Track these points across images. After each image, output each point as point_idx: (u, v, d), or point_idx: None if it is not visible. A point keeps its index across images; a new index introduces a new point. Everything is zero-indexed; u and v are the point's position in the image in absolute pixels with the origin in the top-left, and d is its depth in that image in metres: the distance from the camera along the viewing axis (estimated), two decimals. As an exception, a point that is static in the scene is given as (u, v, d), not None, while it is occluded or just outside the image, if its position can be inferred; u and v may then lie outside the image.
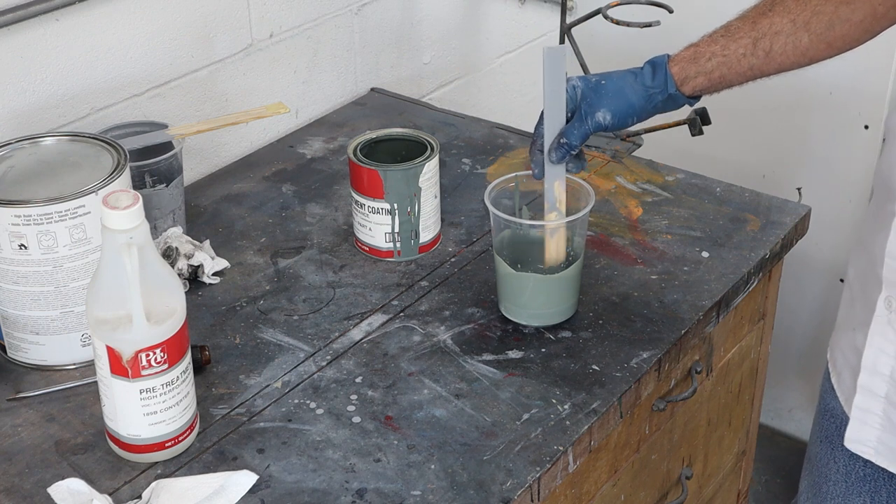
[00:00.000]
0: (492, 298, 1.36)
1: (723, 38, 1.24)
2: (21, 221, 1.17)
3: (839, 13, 1.20)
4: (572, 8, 2.01)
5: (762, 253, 1.45)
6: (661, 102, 1.25)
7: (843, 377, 1.26)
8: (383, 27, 1.90)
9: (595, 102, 1.24)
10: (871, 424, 1.21)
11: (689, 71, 1.24)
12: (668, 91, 1.24)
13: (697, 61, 1.24)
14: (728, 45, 1.23)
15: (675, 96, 1.25)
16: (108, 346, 1.07)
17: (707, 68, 1.23)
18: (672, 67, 1.24)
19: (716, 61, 1.23)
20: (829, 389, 1.30)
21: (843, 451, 1.27)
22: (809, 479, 1.36)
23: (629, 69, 1.27)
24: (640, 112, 1.25)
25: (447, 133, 1.76)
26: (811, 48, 1.22)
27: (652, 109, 1.26)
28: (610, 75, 1.26)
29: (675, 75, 1.24)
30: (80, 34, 1.46)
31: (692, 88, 1.25)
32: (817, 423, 1.34)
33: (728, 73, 1.24)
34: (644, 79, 1.25)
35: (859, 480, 1.27)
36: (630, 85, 1.25)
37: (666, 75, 1.24)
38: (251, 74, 1.70)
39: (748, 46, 1.23)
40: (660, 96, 1.25)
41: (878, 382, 1.19)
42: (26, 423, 1.19)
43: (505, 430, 1.17)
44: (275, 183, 1.63)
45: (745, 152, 2.18)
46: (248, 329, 1.33)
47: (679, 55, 1.25)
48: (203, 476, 1.11)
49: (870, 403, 1.20)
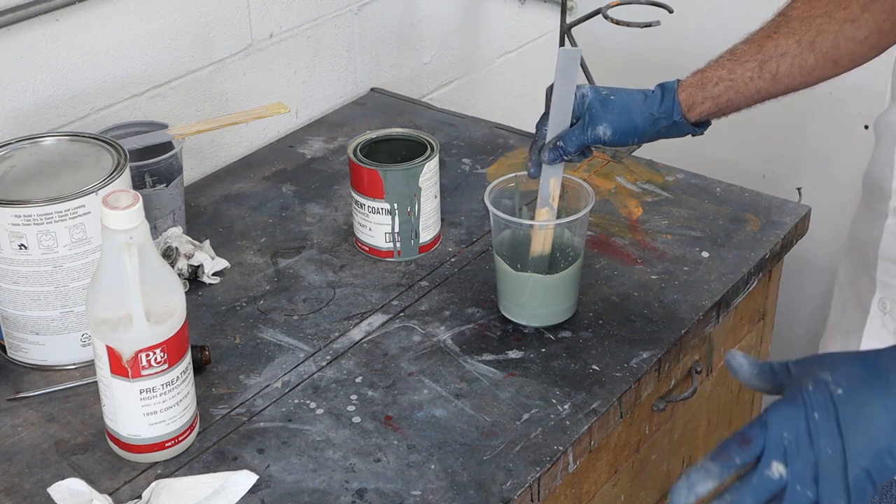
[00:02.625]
0: (492, 298, 1.36)
1: (729, 63, 1.24)
2: (21, 221, 1.17)
3: (844, 32, 1.20)
4: (572, 8, 2.01)
5: (762, 253, 1.45)
6: (665, 128, 1.24)
7: None
8: (383, 27, 1.90)
9: (599, 115, 1.23)
10: None
11: (696, 97, 1.23)
12: (674, 118, 1.24)
13: (705, 87, 1.23)
14: (735, 69, 1.23)
15: (680, 123, 1.24)
16: (108, 346, 1.07)
17: (714, 93, 1.23)
18: (680, 94, 1.23)
19: (723, 86, 1.23)
20: None
21: None
22: None
23: (640, 89, 1.26)
24: (642, 135, 1.25)
25: (447, 133, 1.76)
26: (818, 68, 1.22)
27: (654, 134, 1.25)
28: (620, 91, 1.25)
29: (683, 102, 1.23)
30: (80, 34, 1.46)
31: (699, 114, 1.24)
32: None
33: (735, 96, 1.23)
34: (653, 102, 1.24)
35: None
36: (637, 106, 1.24)
37: (674, 102, 1.23)
38: (251, 74, 1.70)
39: (755, 70, 1.22)
40: (664, 122, 1.24)
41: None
42: (26, 423, 1.19)
43: (505, 430, 1.17)
44: (275, 183, 1.63)
45: (745, 152, 2.18)
46: (248, 329, 1.33)
47: (687, 81, 1.24)
48: (203, 476, 1.11)
49: None
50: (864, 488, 0.86)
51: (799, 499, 0.87)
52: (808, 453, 0.87)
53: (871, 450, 0.86)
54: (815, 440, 0.87)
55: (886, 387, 0.87)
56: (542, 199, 1.29)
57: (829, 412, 0.87)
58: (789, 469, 0.87)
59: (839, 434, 0.86)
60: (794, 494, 0.87)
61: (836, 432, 0.87)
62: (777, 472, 0.88)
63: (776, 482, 0.87)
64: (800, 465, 0.87)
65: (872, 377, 0.87)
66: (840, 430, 0.86)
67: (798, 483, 0.87)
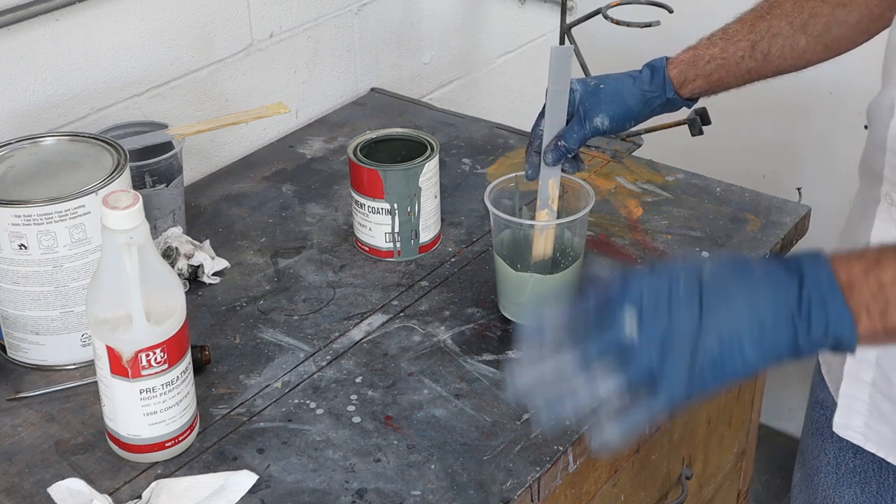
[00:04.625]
0: (492, 298, 1.36)
1: (721, 41, 1.25)
2: (21, 221, 1.17)
3: (836, 15, 1.21)
4: (572, 8, 2.01)
5: (762, 253, 1.45)
6: (659, 106, 1.26)
7: (832, 368, 1.27)
8: (383, 27, 1.90)
9: (593, 106, 1.24)
10: (859, 411, 1.20)
11: (687, 74, 1.25)
12: (667, 95, 1.25)
13: (696, 64, 1.24)
14: (727, 47, 1.24)
15: (674, 100, 1.26)
16: (108, 346, 1.07)
17: (706, 71, 1.24)
18: (671, 71, 1.25)
19: (714, 64, 1.24)
20: (819, 381, 1.30)
21: (833, 443, 1.27)
22: (801, 471, 1.37)
23: (627, 72, 1.27)
24: (638, 116, 1.26)
25: (447, 133, 1.76)
26: (808, 50, 1.23)
27: (649, 112, 1.26)
28: (607, 78, 1.26)
29: (674, 78, 1.25)
30: (80, 34, 1.46)
31: (690, 91, 1.26)
32: (808, 416, 1.35)
33: (726, 75, 1.24)
34: (642, 82, 1.25)
35: (849, 472, 1.27)
36: (628, 88, 1.25)
37: (664, 79, 1.25)
38: (251, 74, 1.70)
39: (746, 49, 1.23)
40: (658, 100, 1.25)
41: (864, 369, 1.18)
42: (26, 423, 1.19)
43: (505, 430, 1.17)
44: (275, 183, 1.63)
45: (745, 152, 2.18)
46: (248, 329, 1.33)
47: (678, 58, 1.26)
48: (203, 476, 1.11)
49: (856, 390, 1.19)
50: (705, 376, 0.85)
51: (641, 361, 0.85)
52: (663, 318, 0.85)
53: (724, 338, 0.85)
54: (675, 310, 0.85)
55: (751, 281, 0.86)
56: (541, 201, 1.29)
57: (693, 289, 0.85)
58: (641, 330, 0.85)
59: (699, 312, 0.85)
60: (638, 356, 0.85)
61: (697, 309, 0.85)
62: (628, 327, 0.85)
63: (625, 337, 0.85)
64: (652, 329, 0.85)
65: (741, 272, 0.87)
66: (701, 308, 0.85)
67: (645, 344, 0.85)
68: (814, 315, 0.85)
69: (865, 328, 0.85)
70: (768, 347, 0.85)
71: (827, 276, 0.86)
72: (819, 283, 0.85)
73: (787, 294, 0.85)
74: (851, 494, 1.27)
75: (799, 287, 0.85)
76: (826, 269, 0.86)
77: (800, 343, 0.85)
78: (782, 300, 0.85)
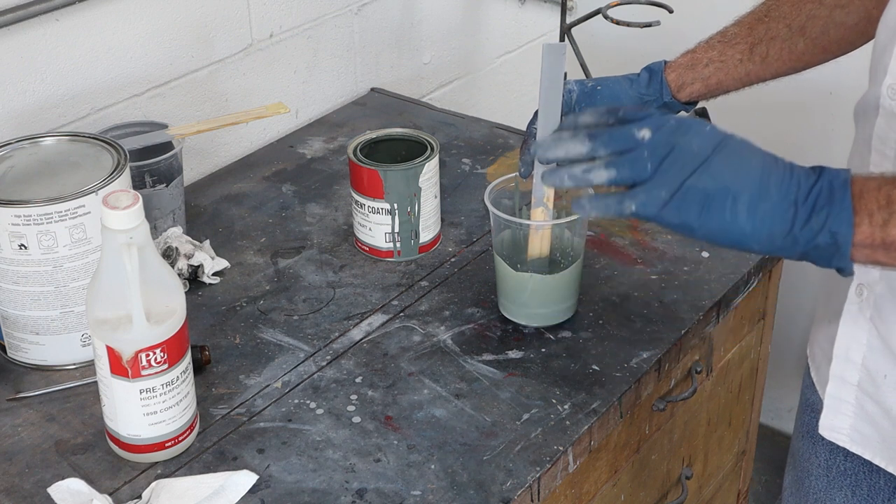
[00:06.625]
0: (492, 298, 1.36)
1: (719, 44, 1.24)
2: (21, 221, 1.17)
3: (834, 17, 1.21)
4: (572, 8, 2.01)
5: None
6: (656, 109, 1.26)
7: (821, 370, 1.26)
8: (383, 27, 1.90)
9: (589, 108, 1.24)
10: (845, 413, 1.20)
11: (685, 77, 1.24)
12: (664, 99, 1.25)
13: (694, 68, 1.24)
14: (725, 50, 1.24)
15: (671, 104, 1.25)
16: (108, 346, 1.07)
17: (704, 74, 1.24)
18: (668, 74, 1.25)
19: (713, 67, 1.24)
20: (809, 384, 1.30)
21: (824, 445, 1.27)
22: (792, 474, 1.37)
23: (626, 75, 1.27)
24: None
25: (447, 133, 1.76)
26: (807, 53, 1.23)
27: None
28: (606, 81, 1.26)
29: (672, 82, 1.24)
30: (80, 34, 1.46)
31: (688, 95, 1.25)
32: (799, 419, 1.35)
33: (725, 78, 1.24)
34: (639, 85, 1.25)
35: (840, 475, 1.27)
36: (625, 91, 1.25)
37: (662, 83, 1.24)
38: (251, 74, 1.70)
39: (745, 52, 1.23)
40: (655, 104, 1.25)
41: (850, 371, 1.18)
42: (26, 423, 1.19)
43: (505, 430, 1.17)
44: (275, 183, 1.63)
45: (745, 152, 2.18)
46: (248, 329, 1.33)
47: (676, 62, 1.26)
48: (203, 476, 1.11)
49: (842, 392, 1.19)
50: (689, 205, 0.91)
51: (638, 159, 0.92)
52: (677, 139, 0.91)
53: (721, 183, 0.90)
54: (690, 139, 0.91)
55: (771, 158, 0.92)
56: (535, 200, 1.28)
57: (715, 135, 0.92)
58: (651, 137, 0.92)
59: (710, 152, 0.90)
60: (637, 155, 0.92)
61: (709, 149, 0.90)
62: (643, 132, 0.92)
63: (635, 137, 0.92)
64: (661, 141, 0.91)
65: (766, 152, 0.93)
66: (714, 151, 0.91)
67: (650, 149, 0.91)
68: (818, 204, 0.90)
69: (865, 234, 0.90)
70: (762, 217, 0.90)
71: (842, 178, 0.91)
72: (832, 182, 0.91)
73: (800, 182, 0.91)
74: (842, 497, 1.27)
75: (814, 182, 0.91)
76: (844, 174, 0.91)
77: (795, 229, 0.90)
78: (794, 185, 0.90)
